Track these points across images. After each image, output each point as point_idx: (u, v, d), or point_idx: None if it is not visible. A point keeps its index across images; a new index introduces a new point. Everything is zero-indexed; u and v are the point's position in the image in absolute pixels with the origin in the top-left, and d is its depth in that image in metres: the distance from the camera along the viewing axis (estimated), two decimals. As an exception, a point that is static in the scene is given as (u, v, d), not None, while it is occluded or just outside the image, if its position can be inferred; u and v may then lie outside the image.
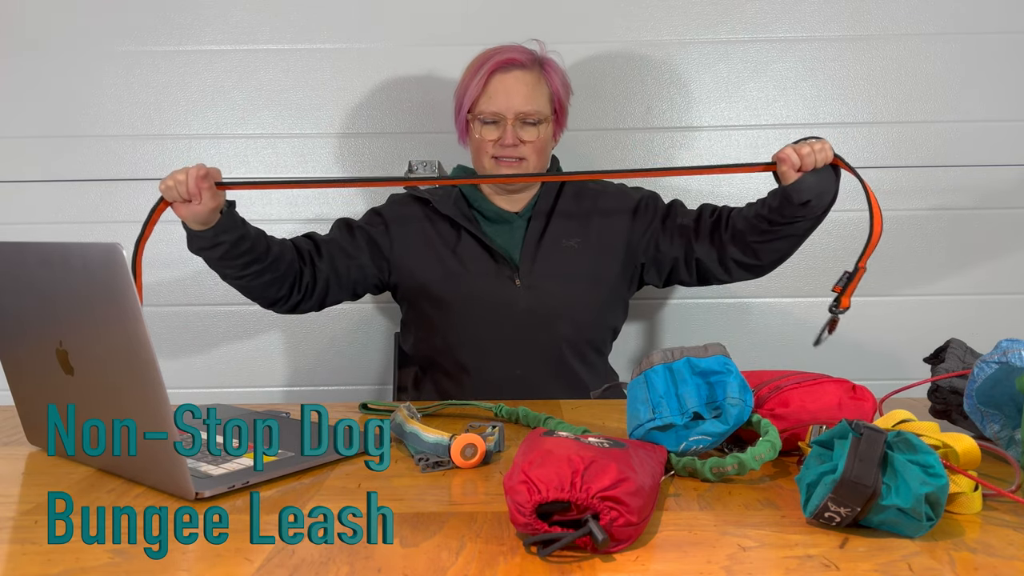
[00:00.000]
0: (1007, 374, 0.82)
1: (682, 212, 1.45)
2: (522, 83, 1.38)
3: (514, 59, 1.39)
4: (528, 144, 1.38)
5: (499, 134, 1.38)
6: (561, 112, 1.46)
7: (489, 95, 1.38)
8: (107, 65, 1.75)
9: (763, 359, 1.79)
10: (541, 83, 1.40)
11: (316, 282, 1.39)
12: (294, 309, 1.41)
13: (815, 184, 1.23)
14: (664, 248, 1.43)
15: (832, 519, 0.66)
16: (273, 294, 1.36)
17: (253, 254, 1.28)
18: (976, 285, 1.78)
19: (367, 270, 1.43)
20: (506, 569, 0.60)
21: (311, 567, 0.60)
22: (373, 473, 0.84)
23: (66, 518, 0.71)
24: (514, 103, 1.37)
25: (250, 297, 1.37)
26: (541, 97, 1.40)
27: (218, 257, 1.26)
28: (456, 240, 1.42)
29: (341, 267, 1.41)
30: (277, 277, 1.33)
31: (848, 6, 1.73)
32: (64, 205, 1.77)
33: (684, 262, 1.43)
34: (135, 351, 0.72)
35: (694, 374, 0.84)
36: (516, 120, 1.37)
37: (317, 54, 1.75)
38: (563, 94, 1.45)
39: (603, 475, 0.62)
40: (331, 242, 1.42)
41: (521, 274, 1.39)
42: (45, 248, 0.78)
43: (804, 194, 1.23)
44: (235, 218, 1.25)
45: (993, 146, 1.75)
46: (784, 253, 1.38)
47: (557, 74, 1.44)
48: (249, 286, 1.33)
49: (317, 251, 1.40)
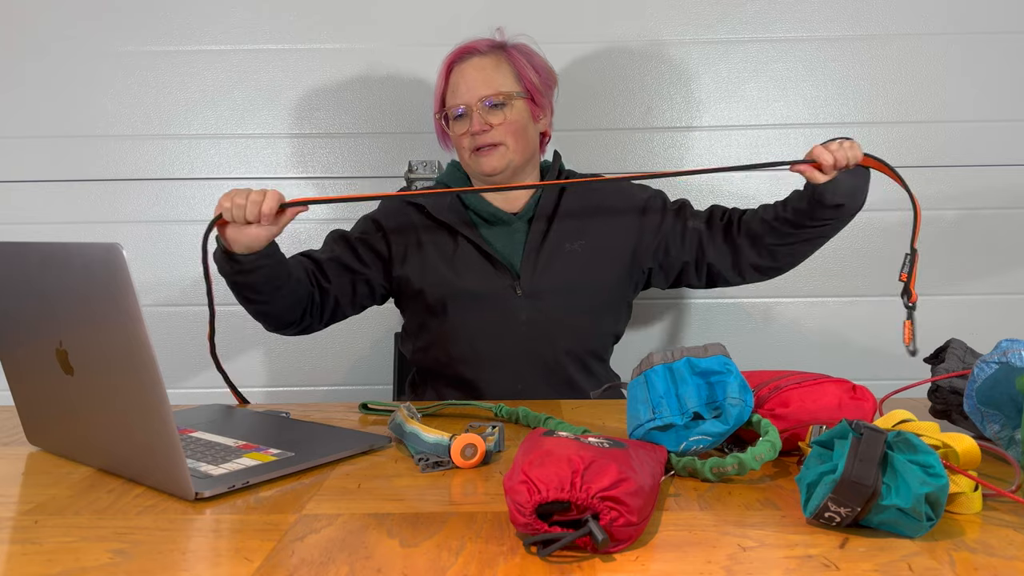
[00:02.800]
0: (1007, 374, 0.82)
1: (692, 214, 1.41)
2: (478, 69, 1.35)
3: (469, 47, 1.37)
4: (499, 127, 1.34)
5: (468, 124, 1.35)
6: (536, 93, 1.39)
7: (452, 89, 1.36)
8: (107, 65, 1.75)
9: (764, 359, 1.79)
10: (502, 65, 1.36)
11: (325, 304, 1.34)
12: (304, 331, 1.36)
13: (850, 185, 1.21)
14: (674, 252, 1.40)
15: (832, 519, 0.66)
16: (288, 317, 1.30)
17: (282, 279, 1.23)
18: (976, 285, 1.78)
19: (375, 284, 1.39)
20: (506, 569, 0.60)
21: (311, 567, 0.60)
22: (373, 473, 0.84)
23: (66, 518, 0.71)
24: (474, 89, 1.34)
25: (264, 320, 1.31)
26: (502, 78, 1.35)
27: (253, 282, 1.20)
28: (454, 247, 1.37)
29: (347, 285, 1.37)
30: (296, 300, 1.28)
31: (848, 6, 1.73)
32: (64, 205, 1.77)
33: (695, 265, 1.40)
34: (135, 351, 0.72)
35: (694, 374, 0.84)
36: (480, 106, 1.33)
37: (317, 54, 1.75)
38: (533, 75, 1.38)
39: (603, 475, 0.62)
40: (332, 261, 1.36)
41: (522, 283, 1.34)
42: (45, 248, 0.78)
43: (839, 195, 1.21)
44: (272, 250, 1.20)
45: (993, 146, 1.75)
46: (804, 256, 1.36)
47: (524, 55, 1.39)
48: (268, 311, 1.28)
49: (321, 272, 1.34)
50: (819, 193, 1.22)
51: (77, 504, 0.75)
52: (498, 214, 1.39)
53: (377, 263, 1.40)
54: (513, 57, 1.38)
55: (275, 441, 0.92)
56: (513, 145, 1.35)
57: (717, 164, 1.76)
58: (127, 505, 0.75)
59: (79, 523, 0.70)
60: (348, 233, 1.42)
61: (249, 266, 1.17)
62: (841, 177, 1.20)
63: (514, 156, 1.36)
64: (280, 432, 0.97)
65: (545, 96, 1.41)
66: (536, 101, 1.39)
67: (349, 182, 1.78)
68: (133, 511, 0.73)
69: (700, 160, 1.77)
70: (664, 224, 1.40)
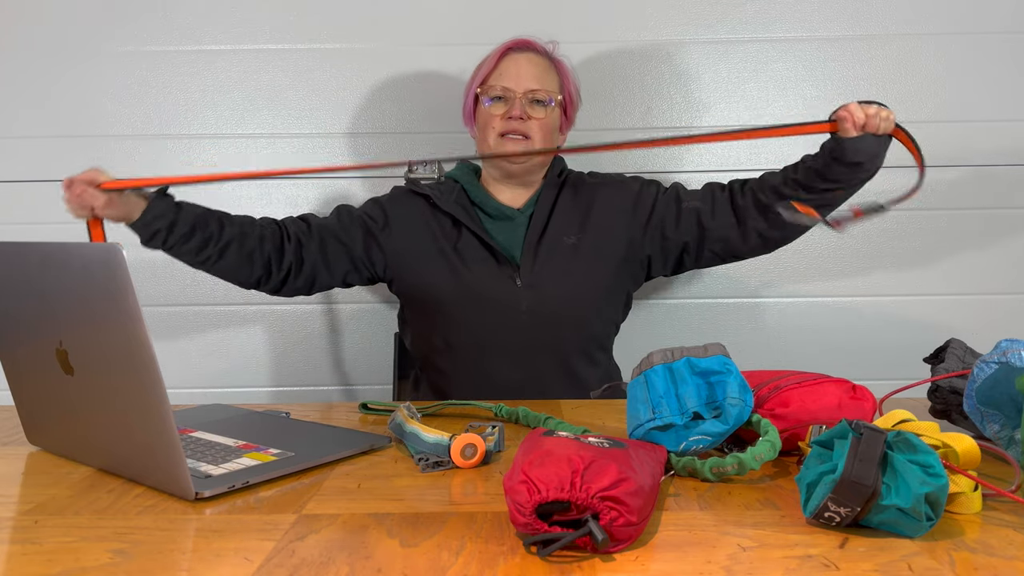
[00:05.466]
0: (1007, 374, 0.82)
1: (686, 195, 1.43)
2: (534, 64, 1.40)
3: (528, 42, 1.42)
4: (535, 121, 1.38)
5: (507, 109, 1.38)
6: (570, 107, 1.47)
7: (500, 72, 1.40)
8: (107, 65, 1.75)
9: (764, 359, 1.79)
10: (553, 71, 1.43)
11: (303, 262, 1.38)
12: (279, 288, 1.40)
13: (873, 145, 1.22)
14: (671, 235, 1.41)
15: (832, 519, 0.66)
16: (246, 275, 1.35)
17: (203, 234, 1.27)
18: (976, 285, 1.78)
19: (357, 259, 1.42)
20: (506, 569, 0.60)
21: (311, 567, 0.60)
22: (373, 473, 0.84)
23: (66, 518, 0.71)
24: (524, 81, 1.38)
25: (228, 280, 1.36)
26: (552, 81, 1.42)
27: (165, 245, 1.26)
28: (457, 237, 1.41)
29: (331, 252, 1.40)
30: (245, 256, 1.32)
31: (848, 6, 1.73)
32: (64, 205, 1.77)
33: (697, 244, 1.41)
34: (135, 351, 0.72)
35: (694, 374, 0.84)
36: (525, 98, 1.38)
37: (317, 54, 1.75)
38: (573, 93, 1.47)
39: (603, 475, 0.62)
40: (325, 226, 1.41)
41: (522, 274, 1.38)
42: (45, 248, 0.78)
43: (860, 154, 1.22)
44: (166, 203, 1.24)
45: (993, 146, 1.75)
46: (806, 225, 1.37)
47: (569, 75, 1.46)
48: (216, 268, 1.32)
49: (308, 232, 1.39)
50: (840, 149, 1.22)
51: (77, 504, 0.75)
52: (502, 209, 1.43)
53: (367, 242, 1.43)
54: (561, 69, 1.45)
55: (275, 441, 0.92)
56: (540, 143, 1.40)
57: (717, 164, 1.77)
58: (127, 505, 0.75)
59: (79, 523, 0.70)
60: (353, 208, 1.47)
61: (146, 234, 1.25)
62: (867, 135, 1.21)
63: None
64: (280, 432, 0.97)
65: (575, 112, 1.50)
66: (567, 115, 1.48)
67: (349, 182, 1.78)
68: (133, 511, 0.73)
69: (700, 160, 1.77)
70: (656, 209, 1.43)
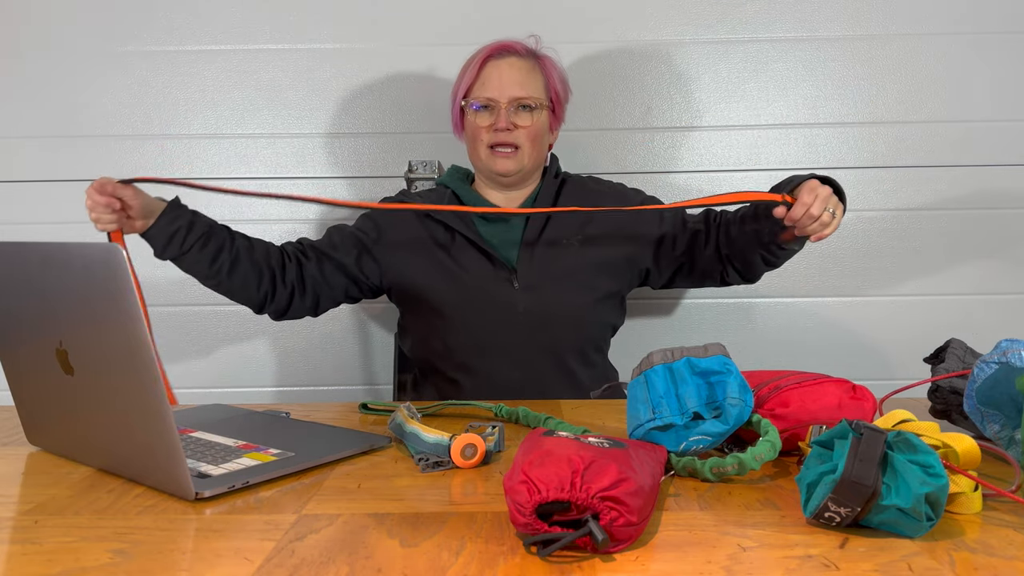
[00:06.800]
0: (1007, 374, 0.82)
1: (689, 217, 1.45)
2: (516, 69, 1.37)
3: (508, 46, 1.39)
4: (522, 130, 1.37)
5: (492, 119, 1.37)
6: (558, 105, 1.45)
7: (483, 81, 1.38)
8: (107, 65, 1.75)
9: (764, 359, 1.79)
10: (536, 72, 1.40)
11: (304, 282, 1.38)
12: (285, 311, 1.39)
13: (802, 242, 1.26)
14: (672, 253, 1.43)
15: (832, 519, 0.66)
16: (255, 287, 1.33)
17: (217, 241, 1.26)
18: (976, 285, 1.78)
19: (353, 274, 1.42)
20: (506, 569, 0.60)
21: (311, 567, 0.60)
22: (373, 473, 0.84)
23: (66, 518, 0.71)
24: (508, 88, 1.36)
25: (237, 297, 1.35)
26: (536, 84, 1.39)
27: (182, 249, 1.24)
28: (451, 242, 1.40)
29: (328, 270, 1.40)
30: (254, 267, 1.31)
31: (848, 6, 1.73)
32: (64, 205, 1.77)
33: (689, 265, 1.44)
34: (135, 351, 0.72)
35: (694, 374, 0.84)
36: (510, 105, 1.36)
37: (317, 54, 1.75)
38: (560, 89, 1.45)
39: (603, 475, 0.62)
40: (319, 247, 1.41)
41: (519, 276, 1.37)
42: (45, 248, 0.78)
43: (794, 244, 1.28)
44: (182, 208, 1.24)
45: (993, 146, 1.75)
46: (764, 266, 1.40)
47: (555, 70, 1.44)
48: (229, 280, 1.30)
49: (304, 253, 1.39)
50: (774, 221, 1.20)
51: (77, 504, 0.75)
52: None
53: (360, 255, 1.42)
54: (545, 67, 1.42)
55: (275, 441, 0.92)
56: (529, 150, 1.39)
57: (717, 164, 1.77)
58: (127, 505, 0.75)
59: (79, 523, 0.70)
60: (344, 226, 1.46)
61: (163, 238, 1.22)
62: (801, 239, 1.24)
63: (527, 161, 1.40)
64: (280, 432, 0.97)
65: (563, 110, 1.48)
66: (556, 113, 1.46)
67: (349, 182, 1.78)
68: (133, 511, 0.73)
69: (700, 160, 1.77)
70: (663, 227, 1.43)
